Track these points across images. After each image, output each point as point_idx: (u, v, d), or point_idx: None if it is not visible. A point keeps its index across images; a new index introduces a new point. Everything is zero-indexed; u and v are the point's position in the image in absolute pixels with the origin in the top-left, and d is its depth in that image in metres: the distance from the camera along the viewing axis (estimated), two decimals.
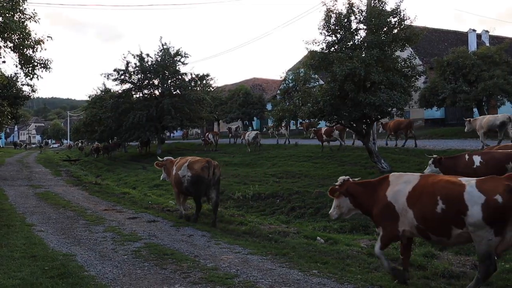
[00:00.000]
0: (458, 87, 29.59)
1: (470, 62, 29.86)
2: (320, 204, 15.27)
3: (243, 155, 30.59)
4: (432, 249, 9.21)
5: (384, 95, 17.78)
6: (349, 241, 10.24)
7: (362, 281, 7.06)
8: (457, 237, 6.41)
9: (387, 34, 19.16)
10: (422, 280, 7.25)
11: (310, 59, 19.79)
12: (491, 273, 6.37)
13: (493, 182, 6.28)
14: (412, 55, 20.36)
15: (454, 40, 47.46)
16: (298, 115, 19.78)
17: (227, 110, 55.50)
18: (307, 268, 7.77)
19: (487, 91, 28.98)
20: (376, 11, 18.70)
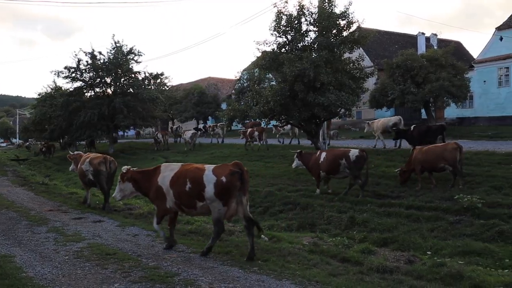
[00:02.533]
0: (407, 89, 30.46)
1: (418, 64, 30.81)
2: (269, 203, 15.47)
3: (196, 154, 30.56)
4: (369, 245, 9.53)
5: (332, 95, 18.17)
6: (292, 239, 10.43)
7: (300, 277, 7.24)
8: (200, 208, 8.61)
9: (336, 36, 19.58)
10: (357, 275, 7.49)
11: (261, 60, 20.01)
12: (221, 233, 8.78)
13: (223, 168, 8.56)
14: (361, 57, 20.87)
15: (404, 42, 48.75)
16: (249, 115, 19.95)
17: (182, 109, 55.23)
18: (248, 266, 7.89)
19: (434, 93, 29.97)
20: (326, 13, 19.09)
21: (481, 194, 13.40)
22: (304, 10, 19.52)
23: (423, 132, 20.03)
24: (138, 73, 40.49)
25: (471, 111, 39.40)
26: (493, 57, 37.74)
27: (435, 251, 9.96)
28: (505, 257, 9.13)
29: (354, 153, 15.30)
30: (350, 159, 15.10)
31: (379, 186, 16.34)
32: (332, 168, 15.52)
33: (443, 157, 14.86)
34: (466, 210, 12.25)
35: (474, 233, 11.00)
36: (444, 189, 14.65)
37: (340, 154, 15.51)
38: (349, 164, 15.11)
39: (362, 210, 13.43)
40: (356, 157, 15.12)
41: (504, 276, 7.29)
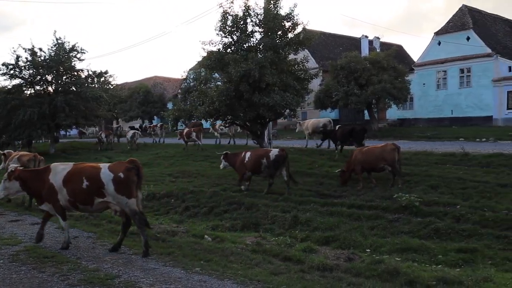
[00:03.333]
0: (350, 90, 31.14)
1: (361, 67, 31.55)
2: (214, 203, 15.43)
3: (141, 154, 30.10)
4: (311, 244, 9.71)
5: (277, 96, 18.34)
6: (236, 239, 10.48)
7: (242, 277, 7.28)
8: (97, 205, 8.86)
9: (281, 37, 19.78)
10: (298, 273, 7.60)
11: (207, 60, 19.95)
12: (144, 221, 8.93)
13: (119, 165, 8.93)
14: (305, 58, 21.15)
15: (349, 45, 49.82)
16: (195, 115, 19.86)
17: (127, 108, 54.28)
18: (191, 266, 7.86)
19: (376, 94, 30.81)
20: (271, 14, 19.25)
21: (419, 193, 13.90)
22: (249, 11, 19.61)
23: (346, 133, 21.09)
24: (81, 71, 39.35)
25: (411, 112, 40.73)
26: (432, 60, 39.17)
27: (375, 249, 10.25)
28: (439, 253, 9.51)
29: (274, 152, 15.98)
30: (270, 158, 15.73)
31: (322, 186, 16.65)
32: (255, 167, 16.13)
33: (382, 157, 15.38)
34: (405, 209, 12.69)
35: (412, 230, 11.40)
36: (384, 189, 15.09)
37: (262, 153, 16.21)
38: (268, 163, 15.76)
39: (306, 209, 13.65)
40: (275, 156, 15.73)
41: (437, 271, 7.59)
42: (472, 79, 36.77)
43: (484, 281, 6.93)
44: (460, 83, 37.62)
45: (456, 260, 9.21)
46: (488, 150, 19.77)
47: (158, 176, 21.37)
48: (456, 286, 6.86)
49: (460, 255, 9.46)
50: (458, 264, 8.97)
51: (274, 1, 19.59)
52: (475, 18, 38.94)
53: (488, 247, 9.88)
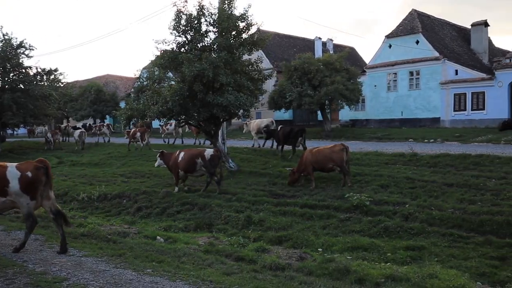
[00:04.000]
0: (304, 91, 31.44)
1: (314, 68, 31.87)
2: (167, 204, 15.32)
3: (92, 154, 29.51)
4: (263, 243, 9.76)
5: (231, 96, 18.30)
6: (188, 239, 10.43)
7: (195, 278, 7.25)
8: (2, 204, 8.65)
9: (235, 38, 19.75)
10: (251, 273, 7.63)
11: (160, 59, 19.69)
12: (34, 226, 8.84)
13: (28, 164, 8.82)
14: (259, 59, 21.21)
15: (303, 46, 50.33)
16: (148, 114, 19.57)
17: (78, 107, 53.01)
18: (142, 268, 7.76)
19: (329, 96, 31.23)
20: (225, 14, 19.17)
21: (370, 193, 14.24)
22: (204, 11, 19.45)
23: (287, 133, 21.85)
24: (29, 68, 38.15)
25: (363, 113, 41.51)
26: (383, 63, 40.05)
27: (327, 248, 10.43)
28: (389, 251, 9.78)
29: (209, 152, 16.48)
30: (206, 158, 16.22)
31: (276, 186, 16.77)
32: (189, 166, 16.49)
33: (331, 158, 15.70)
34: (356, 208, 12.97)
35: (362, 229, 11.66)
36: (336, 188, 15.35)
37: (196, 153, 16.60)
38: (204, 163, 16.22)
39: (259, 209, 13.75)
40: (211, 156, 16.27)
41: (385, 269, 7.78)
42: (421, 81, 37.81)
43: (430, 277, 7.16)
44: (410, 85, 38.61)
45: (405, 257, 9.49)
46: (435, 150, 20.40)
47: (110, 176, 21.02)
48: (403, 283, 7.05)
49: (408, 252, 9.76)
50: (406, 262, 9.23)
51: (228, 1, 19.51)
52: (424, 22, 40.08)
53: (435, 244, 10.22)
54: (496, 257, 9.24)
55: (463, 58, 39.12)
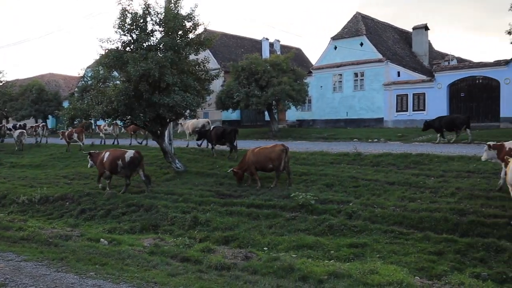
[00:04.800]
0: (251, 91, 31.52)
1: (262, 68, 32.00)
2: (112, 205, 15.07)
3: (33, 155, 28.57)
4: (209, 244, 9.77)
5: (178, 96, 18.18)
6: (133, 241, 10.30)
7: (139, 279, 7.18)
8: None
9: (182, 38, 19.62)
10: (196, 273, 7.63)
11: (104, 58, 19.29)
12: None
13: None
14: (206, 59, 21.16)
15: (250, 46, 50.53)
16: (92, 114, 19.14)
17: (18, 106, 51.12)
18: (84, 271, 7.62)
19: (276, 96, 31.47)
20: (172, 14, 19.02)
21: (315, 192, 14.47)
22: (150, 10, 19.19)
23: (219, 133, 22.28)
24: None
25: (309, 114, 42.10)
26: (329, 64, 40.76)
27: (273, 247, 10.55)
28: (332, 249, 9.99)
29: (129, 154, 16.57)
30: (125, 160, 16.37)
31: (222, 186, 16.78)
32: (112, 167, 16.66)
33: (270, 158, 15.87)
34: (301, 207, 13.16)
35: (308, 228, 11.85)
36: (282, 188, 15.51)
37: (119, 155, 16.71)
38: (124, 164, 16.39)
39: (206, 210, 13.74)
40: (130, 158, 16.39)
41: (329, 266, 7.96)
42: (365, 82, 38.75)
43: (371, 273, 7.37)
44: (355, 86, 39.48)
45: (348, 254, 9.71)
46: (378, 150, 20.94)
47: (52, 178, 20.46)
48: (345, 279, 7.23)
49: (351, 249, 9.99)
50: (350, 258, 9.47)
51: (174, 0, 19.37)
52: (368, 25, 41.08)
53: (377, 241, 10.50)
54: (434, 252, 9.59)
55: (405, 60, 40.39)
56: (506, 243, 9.51)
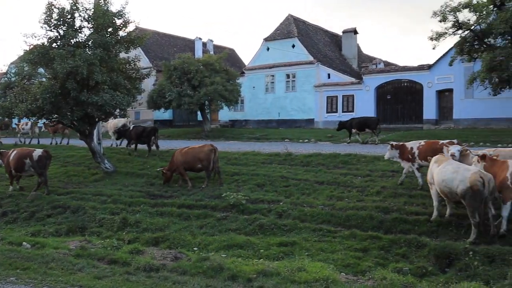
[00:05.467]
0: (183, 91, 31.31)
1: (194, 68, 31.86)
2: (36, 207, 14.51)
3: None
4: (138, 245, 9.63)
5: (107, 95, 17.75)
6: (58, 244, 9.97)
7: (63, 283, 6.97)
8: None
9: (112, 35, 19.17)
10: (124, 275, 7.50)
11: (29, 54, 18.52)
12: None
13: None
14: (137, 57, 20.80)
15: (183, 46, 50.10)
16: (15, 113, 18.32)
17: None
18: (4, 276, 7.30)
19: (209, 96, 31.42)
20: (101, 10, 18.55)
21: (246, 192, 14.59)
22: (78, 5, 18.60)
23: (139, 132, 22.34)
24: None
25: (242, 114, 42.34)
26: (261, 65, 41.15)
27: (203, 247, 10.54)
28: (262, 248, 10.10)
29: (37, 153, 16.29)
30: (33, 158, 16.06)
31: (153, 187, 16.57)
32: (18, 166, 16.30)
33: (199, 158, 15.87)
34: (233, 207, 13.22)
35: (238, 227, 11.92)
36: (213, 188, 15.51)
37: (26, 153, 16.39)
38: (32, 163, 16.06)
39: (135, 210, 13.54)
40: (38, 156, 16.12)
41: (258, 265, 8.05)
42: (297, 84, 39.43)
43: (299, 270, 7.53)
44: (287, 87, 40.09)
45: (278, 253, 9.86)
46: (309, 150, 21.36)
47: None
48: (274, 277, 7.34)
49: (281, 248, 10.15)
50: (279, 257, 9.61)
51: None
52: (300, 27, 41.83)
53: (306, 239, 10.72)
54: (359, 249, 9.92)
55: (335, 63, 41.49)
56: (426, 238, 9.98)
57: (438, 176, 10.26)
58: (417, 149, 13.68)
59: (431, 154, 12.27)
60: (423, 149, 13.51)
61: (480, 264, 8.45)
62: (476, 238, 9.44)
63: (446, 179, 9.94)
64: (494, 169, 10.06)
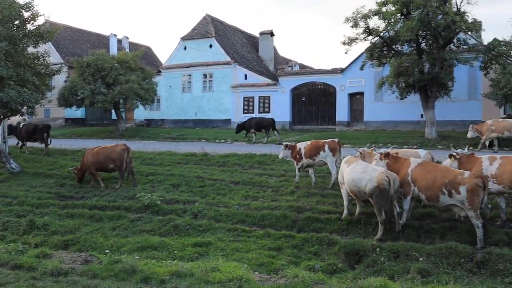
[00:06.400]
0: (97, 89, 30.35)
1: (109, 65, 30.96)
2: None
3: None
4: (45, 249, 9.22)
5: (13, 91, 16.90)
6: None
7: None
8: None
9: (19, 28, 18.27)
10: (29, 281, 7.13)
11: None
12: None
13: None
14: (47, 52, 19.93)
15: (97, 42, 48.54)
16: None
17: None
18: None
19: (123, 94, 30.66)
20: (7, 2, 17.65)
21: (161, 192, 14.41)
22: None
23: (30, 130, 21.91)
24: None
25: (158, 113, 41.76)
26: (178, 64, 40.80)
27: (116, 249, 10.26)
28: (177, 249, 10.01)
29: None
30: None
31: (63, 188, 15.97)
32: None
33: (111, 158, 15.50)
34: (147, 208, 13.00)
35: (153, 228, 11.72)
36: (127, 189, 15.17)
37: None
38: None
39: (43, 213, 12.99)
40: None
41: (171, 266, 7.96)
42: (214, 84, 39.50)
43: (213, 271, 7.53)
44: (204, 87, 40.04)
45: (192, 254, 9.80)
46: (225, 150, 21.46)
47: None
48: (188, 278, 7.29)
49: (196, 249, 10.10)
50: (194, 258, 9.56)
51: None
52: (218, 27, 41.89)
53: (221, 239, 10.74)
54: (273, 248, 10.07)
55: (252, 64, 41.96)
56: (337, 236, 10.33)
57: (348, 176, 10.67)
58: (304, 149, 14.63)
59: (315, 153, 14.20)
60: (308, 149, 14.54)
61: (386, 260, 8.86)
62: (382, 235, 9.91)
63: (355, 178, 10.37)
64: (396, 166, 10.67)
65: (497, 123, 20.60)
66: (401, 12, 23.89)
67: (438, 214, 11.22)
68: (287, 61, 50.26)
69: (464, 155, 11.07)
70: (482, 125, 21.19)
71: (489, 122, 20.81)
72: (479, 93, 28.18)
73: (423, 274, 8.12)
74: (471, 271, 8.34)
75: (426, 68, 24.25)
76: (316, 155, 14.26)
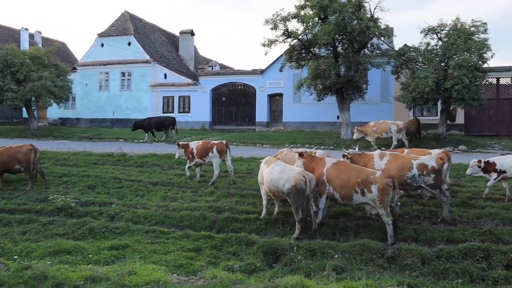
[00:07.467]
0: (6, 85, 28.89)
1: (19, 61, 29.58)
2: None
3: None
4: None
5: None
6: None
7: None
8: None
9: None
10: None
11: None
12: None
13: None
14: None
15: (6, 36, 45.93)
16: None
17: None
18: None
19: (36, 92, 29.35)
20: None
21: (76, 194, 13.92)
22: None
23: None
24: None
25: (73, 112, 40.34)
26: (95, 61, 39.61)
27: (26, 254, 9.78)
28: (92, 253, 9.69)
29: None
30: None
31: None
32: None
33: (16, 158, 14.76)
34: (60, 210, 12.52)
35: (67, 232, 11.28)
36: (39, 191, 14.49)
37: None
38: None
39: None
40: None
41: (86, 270, 7.66)
42: (133, 83, 38.71)
43: (129, 274, 7.34)
44: (122, 85, 39.14)
45: (109, 257, 9.53)
46: (143, 150, 21.06)
47: None
48: (103, 282, 7.06)
49: (112, 252, 9.83)
50: (110, 261, 9.30)
51: None
52: (136, 25, 41.07)
53: (139, 242, 10.52)
54: (192, 249, 10.00)
55: (172, 63, 41.53)
56: (256, 236, 10.44)
57: (267, 176, 10.82)
58: (196, 148, 15.12)
59: (205, 154, 14.87)
60: (199, 148, 15.10)
61: (303, 258, 9.06)
62: (300, 234, 10.13)
63: (274, 178, 10.54)
64: (312, 165, 10.98)
65: (378, 125, 21.94)
66: (318, 16, 24.57)
67: (352, 212, 11.65)
68: (208, 61, 50.16)
69: (356, 154, 11.84)
70: (366, 126, 22.43)
71: (371, 124, 22.18)
72: (391, 96, 29.60)
73: (337, 270, 8.39)
74: (382, 267, 8.73)
75: (342, 71, 25.14)
76: (206, 156, 14.94)
